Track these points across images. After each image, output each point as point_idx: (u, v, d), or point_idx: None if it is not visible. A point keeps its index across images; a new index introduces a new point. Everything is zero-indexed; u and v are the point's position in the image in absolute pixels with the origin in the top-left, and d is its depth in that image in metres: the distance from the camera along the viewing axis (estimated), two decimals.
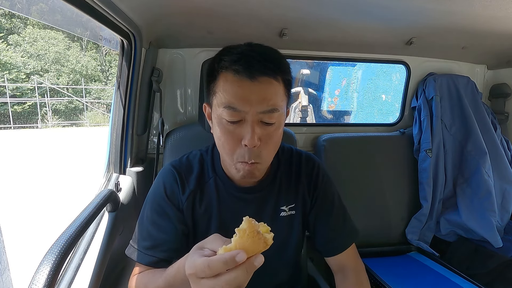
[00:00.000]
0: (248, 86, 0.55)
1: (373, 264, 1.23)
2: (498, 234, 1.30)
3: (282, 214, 0.72)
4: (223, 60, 0.58)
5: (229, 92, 0.56)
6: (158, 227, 0.66)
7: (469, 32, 1.15)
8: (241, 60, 0.55)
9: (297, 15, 1.00)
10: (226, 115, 0.57)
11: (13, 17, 14.59)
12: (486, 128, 1.44)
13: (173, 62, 1.28)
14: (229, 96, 0.56)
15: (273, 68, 0.57)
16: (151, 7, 0.88)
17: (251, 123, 0.56)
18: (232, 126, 0.58)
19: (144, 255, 0.65)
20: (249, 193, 0.70)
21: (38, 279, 0.48)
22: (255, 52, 0.57)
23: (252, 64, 0.55)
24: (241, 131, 0.57)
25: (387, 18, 1.03)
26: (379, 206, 1.42)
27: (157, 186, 0.70)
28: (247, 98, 0.55)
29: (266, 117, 0.57)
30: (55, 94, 14.94)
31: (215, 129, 0.61)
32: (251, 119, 0.56)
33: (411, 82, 1.55)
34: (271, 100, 0.57)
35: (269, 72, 0.56)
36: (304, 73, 3.56)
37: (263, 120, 0.57)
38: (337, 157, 1.38)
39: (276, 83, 0.58)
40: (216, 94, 0.59)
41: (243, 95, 0.55)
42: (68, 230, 0.60)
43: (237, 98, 0.55)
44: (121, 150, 1.05)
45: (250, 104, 0.55)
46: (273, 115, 0.57)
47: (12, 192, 4.73)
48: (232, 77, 0.56)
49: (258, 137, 0.57)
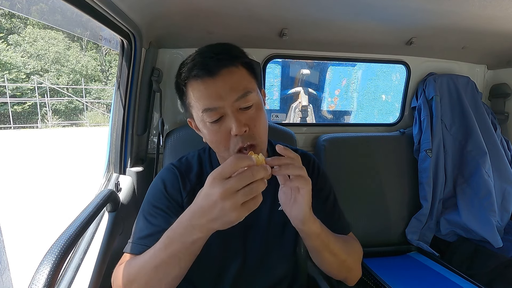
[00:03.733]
0: (213, 83, 0.58)
1: (373, 264, 1.23)
2: (498, 234, 1.30)
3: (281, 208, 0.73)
4: (182, 73, 0.62)
5: (200, 97, 0.60)
6: (154, 218, 0.67)
7: (469, 32, 1.15)
8: (196, 65, 0.59)
9: (297, 15, 1.00)
10: (207, 118, 0.60)
11: (13, 17, 14.59)
12: (486, 128, 1.44)
13: (173, 62, 1.28)
14: (202, 100, 0.59)
15: (227, 58, 0.60)
16: (151, 7, 0.88)
17: (232, 113, 0.59)
18: (217, 125, 0.60)
19: (137, 245, 0.64)
20: None
21: (38, 279, 0.49)
22: (205, 52, 0.61)
23: (206, 63, 0.59)
24: (227, 125, 0.60)
25: (387, 18, 1.03)
26: (379, 206, 1.42)
27: (156, 182, 0.71)
28: (217, 94, 0.58)
29: (242, 103, 0.60)
30: (55, 94, 14.94)
31: (205, 135, 0.64)
32: (230, 110, 0.59)
33: (411, 82, 1.55)
34: (239, 86, 0.59)
35: (225, 62, 0.59)
36: (304, 73, 3.56)
37: (241, 106, 0.60)
38: (337, 157, 1.38)
39: (236, 70, 0.61)
40: (191, 104, 0.62)
41: (212, 93, 0.58)
42: (68, 230, 0.60)
43: (209, 98, 0.59)
44: (121, 150, 1.05)
45: (222, 98, 0.58)
46: (247, 98, 0.60)
47: (12, 192, 4.73)
48: (195, 83, 0.60)
49: (243, 124, 0.59)
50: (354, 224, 1.34)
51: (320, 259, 0.67)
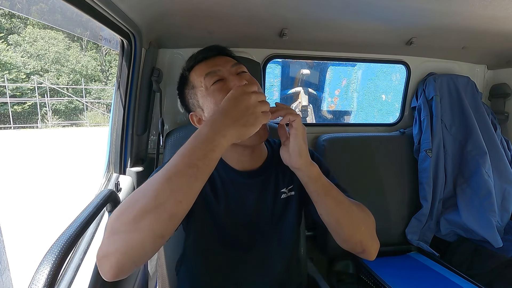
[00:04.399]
0: (212, 60, 0.69)
1: (373, 264, 1.23)
2: (498, 234, 1.30)
3: (283, 196, 0.76)
4: (188, 65, 0.72)
5: (201, 70, 0.68)
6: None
7: (469, 32, 1.15)
8: (199, 54, 0.71)
9: (297, 15, 1.00)
10: (208, 81, 0.66)
11: (13, 17, 14.58)
12: (486, 128, 1.44)
13: (173, 62, 1.28)
14: (203, 71, 0.67)
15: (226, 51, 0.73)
16: (151, 7, 0.88)
17: (231, 76, 0.66)
18: (219, 84, 0.66)
19: None
20: (250, 178, 0.75)
21: (38, 279, 0.48)
22: (210, 48, 0.71)
23: (210, 49, 0.71)
24: (228, 85, 0.65)
25: (387, 18, 1.03)
26: (379, 206, 1.42)
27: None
28: (216, 63, 0.68)
29: (238, 69, 0.68)
30: (55, 94, 14.93)
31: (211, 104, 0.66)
32: (228, 73, 0.67)
33: (411, 82, 1.55)
34: (233, 61, 0.70)
35: (224, 52, 0.72)
36: (304, 73, 3.57)
37: (238, 71, 0.68)
38: (337, 157, 1.38)
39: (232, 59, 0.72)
40: (194, 85, 0.69)
41: (211, 64, 0.68)
42: (68, 230, 0.60)
43: (209, 67, 0.68)
44: (121, 150, 1.05)
45: (221, 66, 0.67)
46: (242, 67, 0.70)
47: (12, 192, 4.73)
48: (197, 66, 0.70)
49: (243, 80, 0.65)
50: None
51: (325, 210, 0.65)
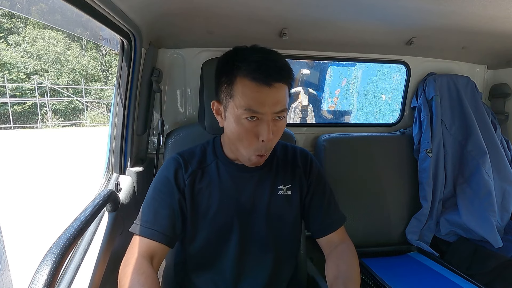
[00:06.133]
0: (266, 92, 0.63)
1: (373, 264, 1.23)
2: (498, 234, 1.30)
3: (280, 193, 0.79)
4: (241, 67, 0.64)
5: (249, 96, 0.64)
6: (157, 201, 0.73)
7: (469, 32, 1.15)
8: (260, 69, 0.63)
9: (297, 15, 1.00)
10: (245, 115, 0.65)
11: (13, 17, 14.58)
12: (486, 128, 1.44)
13: (173, 62, 1.28)
14: (248, 100, 0.64)
15: (286, 76, 0.66)
16: (151, 7, 0.88)
17: (267, 122, 0.65)
18: (251, 125, 0.66)
19: (144, 228, 0.70)
20: (248, 172, 0.78)
21: (38, 279, 0.48)
22: (270, 61, 0.65)
23: (270, 73, 0.63)
24: (258, 129, 0.66)
25: (387, 18, 1.03)
26: (379, 206, 1.42)
27: (162, 170, 0.78)
28: (264, 101, 0.64)
29: (278, 115, 0.67)
30: (55, 94, 14.92)
31: (232, 126, 0.68)
32: (267, 118, 0.65)
33: (411, 82, 1.55)
34: (283, 101, 0.66)
35: (283, 79, 0.65)
36: (304, 73, 3.56)
37: (275, 117, 0.67)
38: (337, 157, 1.38)
39: (285, 87, 0.67)
40: (234, 97, 0.66)
41: (261, 99, 0.64)
42: (68, 230, 0.60)
43: (255, 101, 0.64)
44: (121, 150, 1.05)
45: (267, 107, 0.64)
46: (283, 113, 0.68)
47: (12, 192, 4.73)
48: (250, 83, 0.63)
49: (271, 132, 0.66)
50: (354, 224, 1.35)
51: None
